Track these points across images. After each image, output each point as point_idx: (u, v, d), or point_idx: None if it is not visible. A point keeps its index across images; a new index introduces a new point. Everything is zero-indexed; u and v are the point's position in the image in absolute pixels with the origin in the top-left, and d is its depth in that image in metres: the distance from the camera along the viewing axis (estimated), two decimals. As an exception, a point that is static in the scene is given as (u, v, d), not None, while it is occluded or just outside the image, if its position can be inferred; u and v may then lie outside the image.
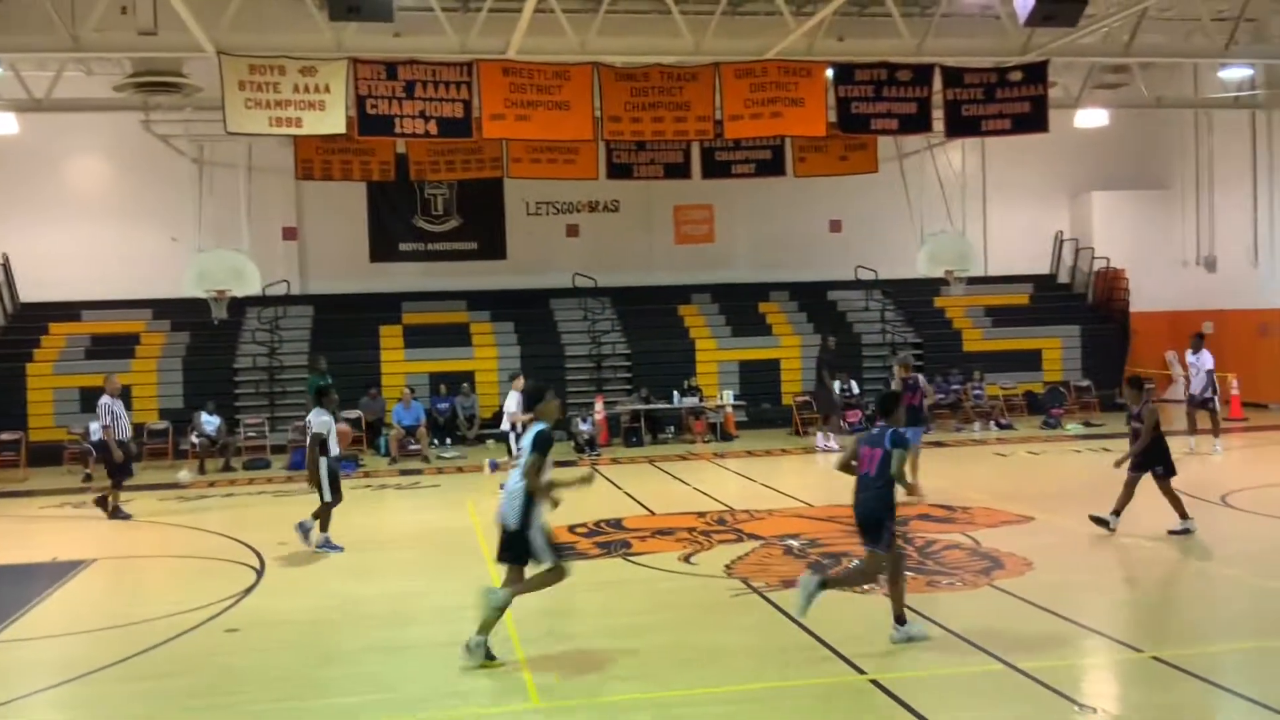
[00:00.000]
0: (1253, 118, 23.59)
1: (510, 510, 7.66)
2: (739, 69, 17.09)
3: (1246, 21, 19.59)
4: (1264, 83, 22.70)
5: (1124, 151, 26.39)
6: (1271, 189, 23.41)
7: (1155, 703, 6.83)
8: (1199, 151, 25.43)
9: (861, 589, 9.29)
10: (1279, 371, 22.63)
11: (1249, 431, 20.16)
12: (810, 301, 25.51)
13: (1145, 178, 26.81)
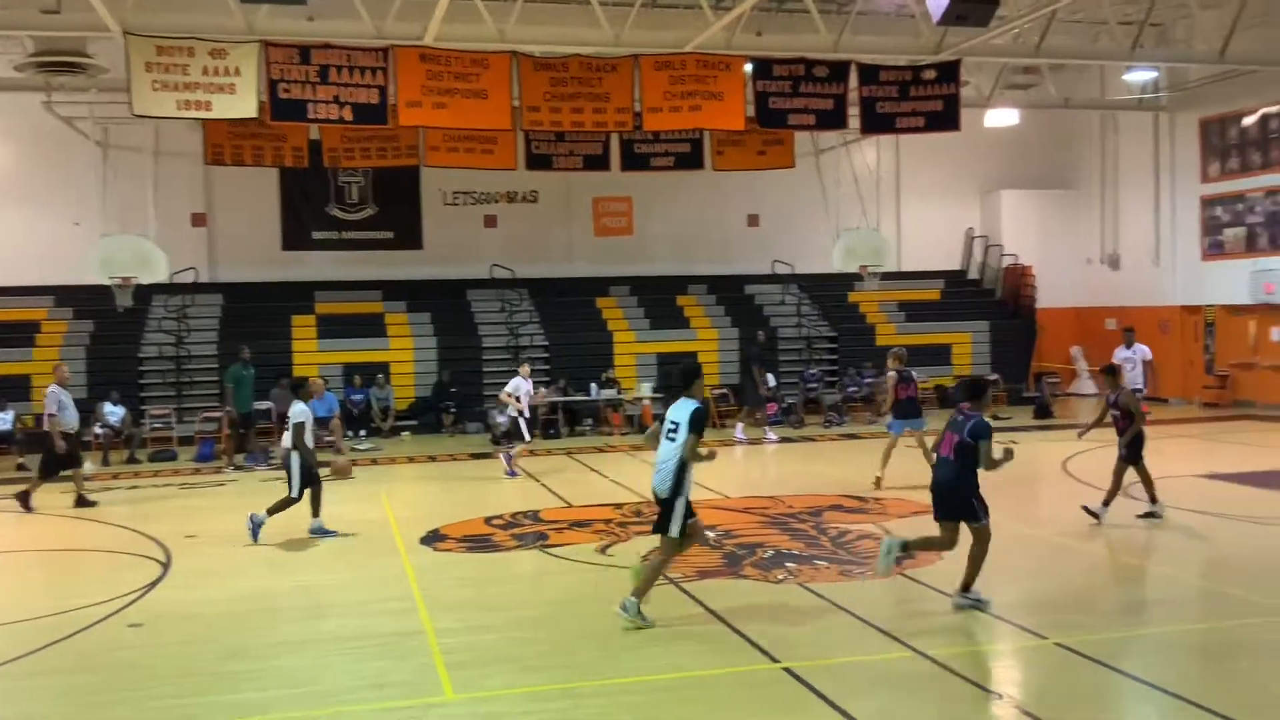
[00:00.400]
0: (1156, 120, 24.40)
1: (663, 482, 8.25)
2: (658, 61, 17.11)
3: (1151, 25, 20.28)
4: (1167, 85, 23.50)
5: (1033, 151, 27.08)
6: (1173, 190, 24.22)
7: (1058, 687, 6.97)
8: (1104, 152, 26.22)
9: (776, 579, 9.48)
10: (1178, 367, 23.40)
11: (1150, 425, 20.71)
12: (728, 295, 25.68)
13: (1053, 177, 27.54)
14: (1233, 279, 22.45)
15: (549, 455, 18.67)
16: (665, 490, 8.23)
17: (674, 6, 19.56)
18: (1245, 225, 22.39)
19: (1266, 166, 21.75)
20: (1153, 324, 24.61)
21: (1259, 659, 7.43)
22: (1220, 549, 10.80)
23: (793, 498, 13.52)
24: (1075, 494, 13.65)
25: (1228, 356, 22.82)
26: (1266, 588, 9.08)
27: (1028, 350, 25.65)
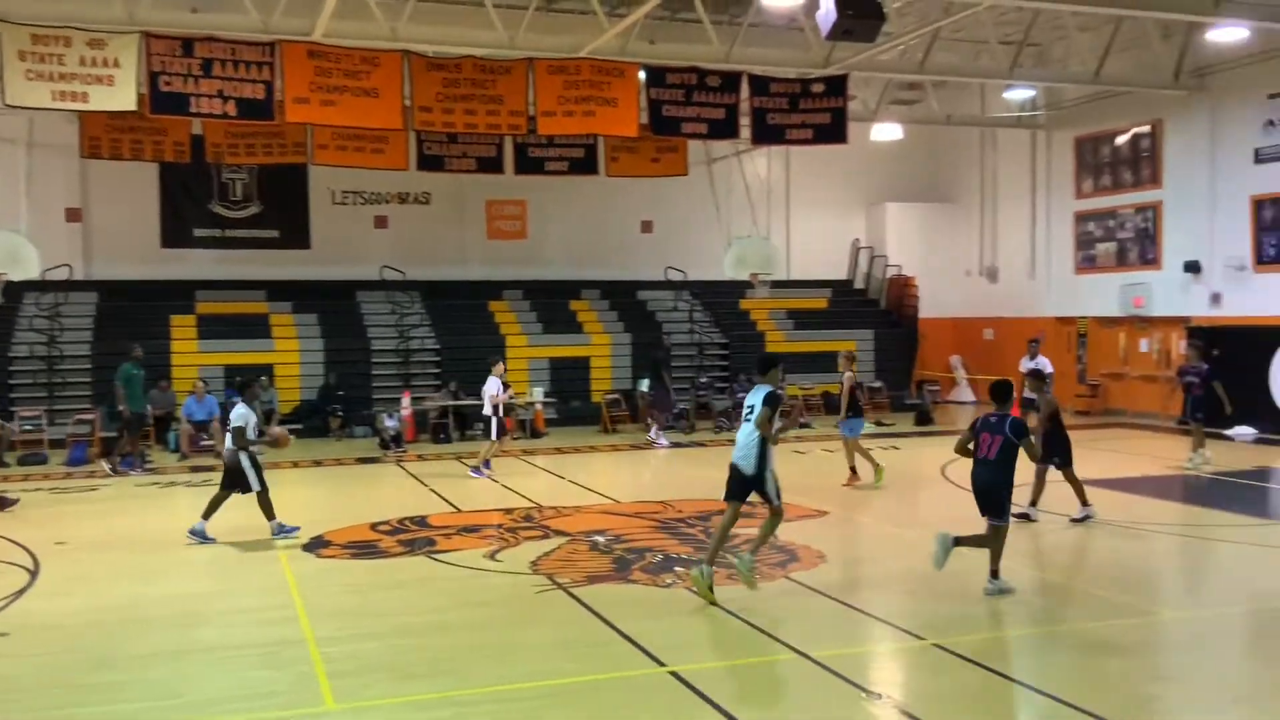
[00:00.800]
0: (1033, 137, 25.34)
1: (746, 459, 8.94)
2: (553, 65, 17.14)
3: (1030, 46, 21.07)
4: (1044, 104, 24.44)
5: (916, 165, 27.86)
6: (1049, 205, 25.18)
7: (935, 687, 7.16)
8: (984, 167, 27.10)
9: (664, 583, 9.55)
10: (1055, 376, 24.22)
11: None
12: (621, 301, 25.78)
13: (935, 191, 28.38)
14: (1104, 292, 23.43)
15: (439, 460, 18.50)
16: (750, 467, 8.97)
17: (569, 11, 19.58)
18: (1116, 240, 23.40)
19: (1137, 184, 22.78)
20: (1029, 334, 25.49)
21: (1128, 658, 7.69)
22: (1090, 552, 11.23)
23: (682, 502, 13.56)
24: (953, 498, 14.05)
25: (1099, 367, 23.81)
26: (1133, 589, 9.51)
27: (910, 358, 26.37)
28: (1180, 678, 7.44)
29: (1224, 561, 10.85)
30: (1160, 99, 21.41)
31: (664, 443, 19.79)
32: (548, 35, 17.80)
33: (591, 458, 18.95)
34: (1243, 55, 19.48)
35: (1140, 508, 13.25)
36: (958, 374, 27.17)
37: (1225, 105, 20.57)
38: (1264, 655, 7.90)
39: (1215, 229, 20.86)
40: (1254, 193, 20.04)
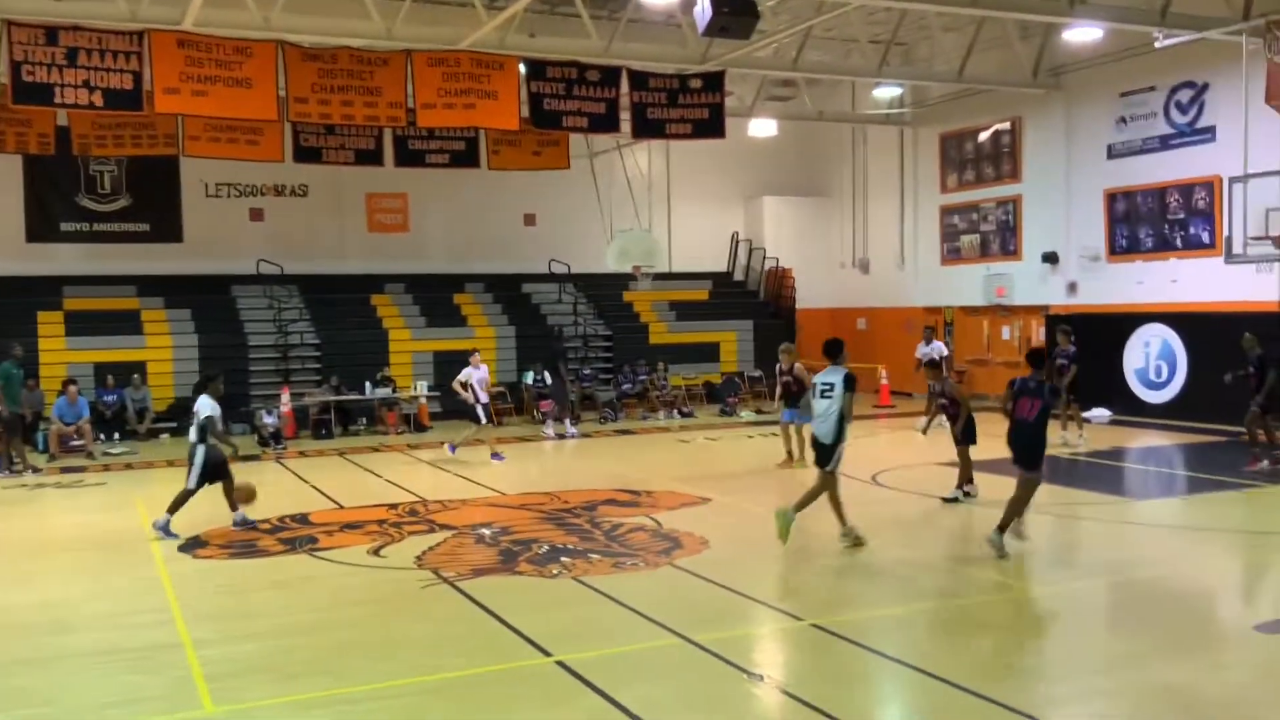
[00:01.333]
0: (901, 133, 26.24)
1: (827, 430, 10.23)
2: (432, 57, 17.05)
3: (897, 45, 21.81)
4: (911, 101, 25.31)
5: (792, 160, 28.54)
6: (916, 200, 26.12)
7: (813, 666, 7.42)
8: (855, 163, 27.93)
9: (551, 574, 9.59)
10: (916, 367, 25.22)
11: (895, 417, 22.38)
12: (505, 293, 25.80)
13: (809, 185, 29.12)
14: (968, 282, 24.45)
15: (320, 456, 18.31)
16: (829, 437, 10.22)
17: (447, 3, 19.55)
18: (979, 233, 24.44)
19: (998, 179, 23.82)
20: (899, 323, 26.47)
21: (996, 632, 8.05)
22: (959, 531, 11.72)
23: (568, 493, 13.68)
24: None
25: (965, 353, 24.82)
26: (998, 566, 9.87)
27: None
28: (1045, 649, 7.82)
29: (1084, 537, 11.49)
30: (1020, 97, 22.43)
31: (573, 431, 20.04)
32: (426, 27, 17.72)
33: (477, 451, 18.90)
34: (1096, 55, 20.51)
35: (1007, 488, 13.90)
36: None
37: (1080, 103, 21.67)
38: (1122, 626, 8.31)
39: (1071, 221, 21.98)
40: (1107, 186, 21.17)
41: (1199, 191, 19.41)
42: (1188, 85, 19.51)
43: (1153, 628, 8.01)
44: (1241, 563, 10.33)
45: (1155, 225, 20.31)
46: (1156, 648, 7.50)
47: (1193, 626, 8.15)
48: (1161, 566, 10.08)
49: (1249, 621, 8.14)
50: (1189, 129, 19.57)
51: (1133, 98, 20.50)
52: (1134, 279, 20.69)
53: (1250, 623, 8.08)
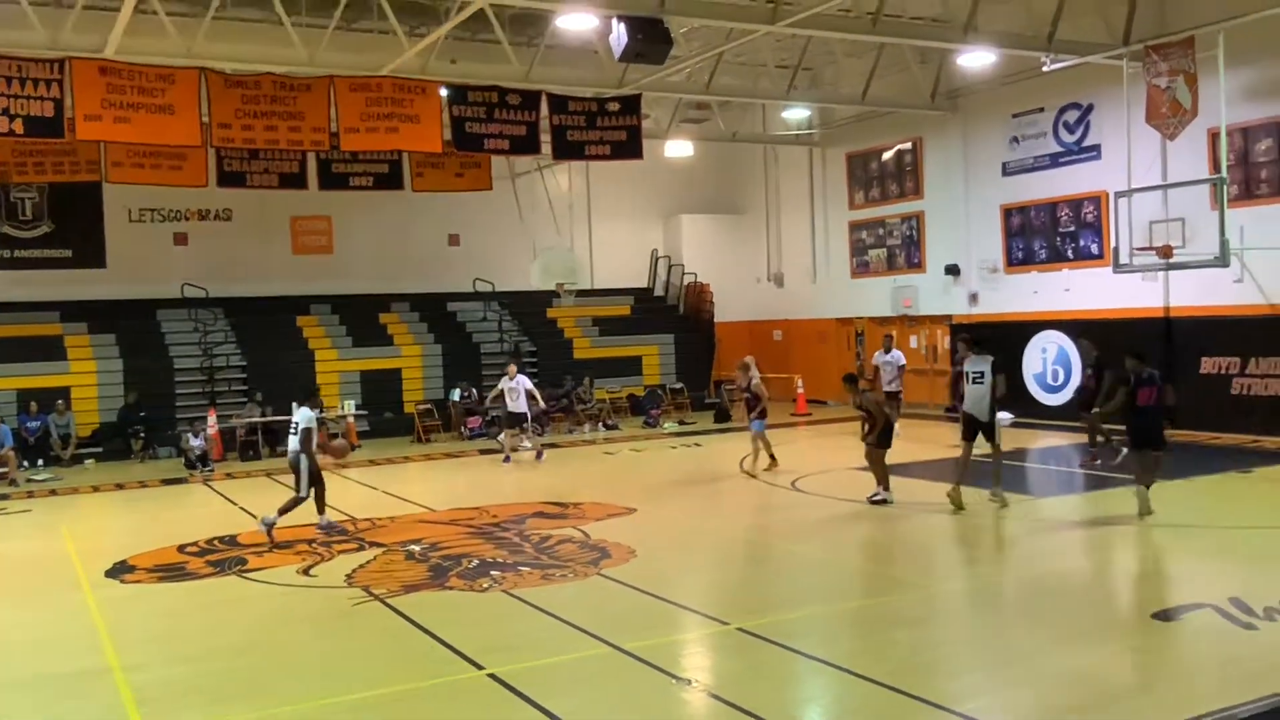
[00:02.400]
0: (810, 153, 27.20)
1: (983, 409, 12.54)
2: (354, 83, 17.37)
3: (804, 70, 22.70)
4: (819, 123, 26.27)
5: (707, 179, 29.36)
6: (826, 216, 27.08)
7: (740, 669, 7.53)
8: (768, 181, 28.83)
9: (481, 588, 9.72)
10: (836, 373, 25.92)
11: (813, 425, 23.14)
12: (431, 312, 26.08)
13: (725, 203, 29.97)
14: (877, 294, 25.45)
15: (248, 478, 18.32)
16: (985, 415, 12.53)
17: (369, 31, 19.88)
18: (886, 247, 25.46)
19: (902, 196, 24.88)
20: (813, 335, 27.39)
21: (912, 630, 8.25)
22: (875, 533, 12.14)
23: (497, 507, 13.74)
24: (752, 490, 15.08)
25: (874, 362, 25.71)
26: (913, 565, 10.49)
27: (708, 360, 27.75)
28: (959, 643, 8.08)
29: (992, 535, 11.99)
30: (920, 118, 23.49)
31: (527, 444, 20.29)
32: (349, 54, 18.00)
33: (405, 468, 19.12)
34: (990, 79, 21.57)
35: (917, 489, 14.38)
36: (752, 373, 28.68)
37: (976, 124, 22.79)
38: (1030, 618, 8.57)
39: (971, 235, 23.08)
40: (1003, 202, 22.30)
41: (1087, 206, 20.60)
42: (1074, 106, 20.70)
43: (1058, 618, 8.35)
44: (1137, 554, 10.84)
45: (1048, 238, 21.47)
46: (1062, 637, 7.81)
47: (1095, 616, 8.49)
48: (1064, 560, 10.60)
49: (1147, 610, 8.55)
50: (1076, 147, 20.76)
51: (1024, 118, 21.67)
52: (1030, 289, 21.80)
53: (1148, 611, 8.49)
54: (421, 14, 19.55)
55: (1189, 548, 10.90)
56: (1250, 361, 17.82)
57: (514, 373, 18.78)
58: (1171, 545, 10.96)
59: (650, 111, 22.39)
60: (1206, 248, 16.78)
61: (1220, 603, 8.35)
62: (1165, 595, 9.20)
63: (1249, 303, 17.74)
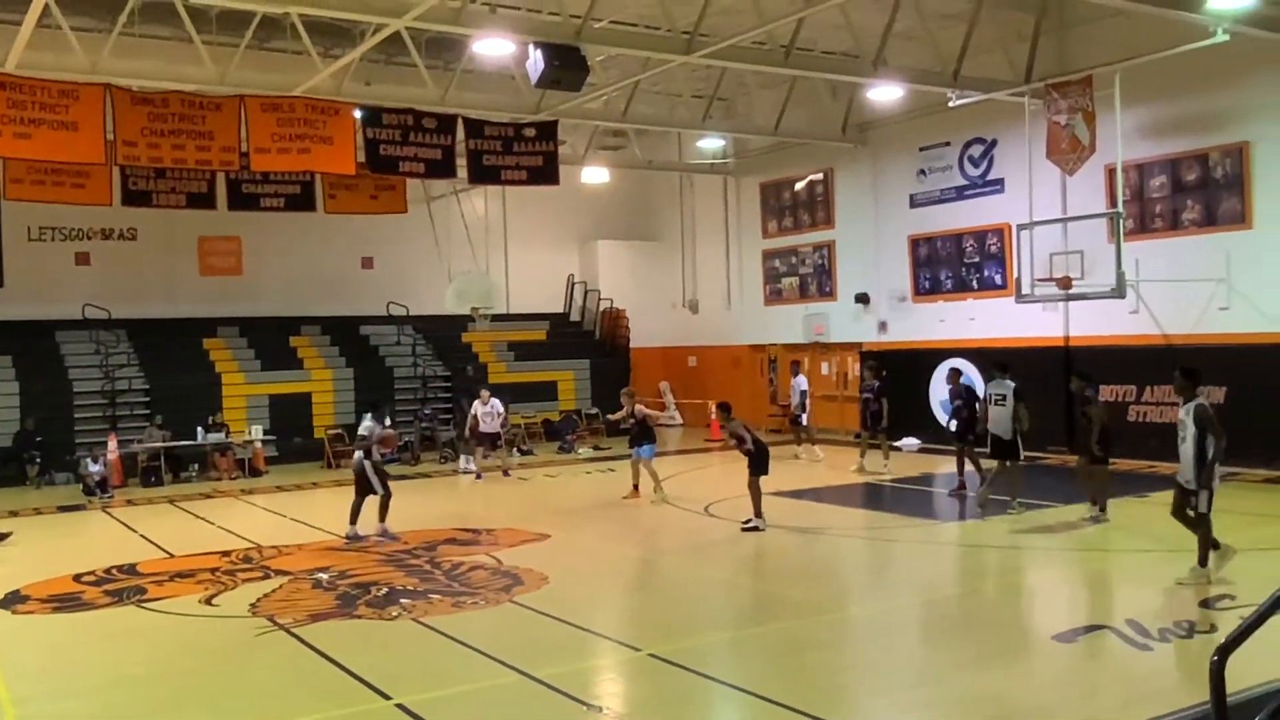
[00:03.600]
0: (725, 182, 27.58)
1: (1005, 429, 13.71)
2: (266, 103, 17.11)
3: (719, 100, 23.02)
4: (733, 152, 26.66)
5: (623, 206, 29.57)
6: (740, 244, 27.46)
7: (651, 695, 7.57)
8: (684, 209, 29.13)
9: (391, 616, 9.64)
10: (748, 398, 26.30)
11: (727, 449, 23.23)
12: (342, 336, 25.74)
13: (641, 229, 30.19)
14: (790, 321, 25.83)
15: (150, 504, 17.88)
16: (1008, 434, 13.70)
17: (282, 51, 19.66)
18: (798, 275, 25.88)
19: (814, 225, 25.34)
20: (727, 361, 27.67)
21: (820, 653, 8.40)
22: (784, 557, 12.34)
23: (408, 534, 13.59)
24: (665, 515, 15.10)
25: (788, 388, 26.00)
26: (822, 589, 10.65)
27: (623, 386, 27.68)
28: (868, 666, 8.17)
29: (897, 559, 12.22)
30: (831, 150, 24.00)
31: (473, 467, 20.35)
32: (260, 73, 17.79)
33: (314, 494, 18.83)
34: (898, 113, 22.14)
35: (825, 514, 14.75)
36: (666, 399, 28.97)
37: (884, 156, 23.36)
38: (939, 640, 8.84)
39: (880, 265, 23.58)
40: (910, 233, 22.86)
41: (991, 238, 21.23)
42: (979, 141, 21.36)
43: (962, 641, 8.60)
44: (1038, 577, 11.15)
45: (954, 268, 22.06)
46: (966, 660, 8.01)
47: (998, 639, 8.70)
48: (967, 583, 10.94)
49: (1048, 632, 8.72)
50: (981, 181, 21.40)
51: (931, 152, 22.28)
52: (937, 317, 22.35)
53: (1049, 633, 8.67)
54: (336, 35, 19.39)
55: (1089, 571, 11.24)
56: (1145, 389, 18.49)
57: (487, 397, 19.50)
58: (1072, 568, 11.28)
59: (567, 138, 22.51)
60: (1104, 279, 17.36)
61: (1118, 624, 8.63)
62: (1065, 618, 9.40)
63: (1144, 332, 18.43)
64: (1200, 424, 9.65)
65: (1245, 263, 17.07)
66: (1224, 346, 17.21)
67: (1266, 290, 16.81)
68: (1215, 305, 17.44)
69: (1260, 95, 16.71)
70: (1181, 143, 17.89)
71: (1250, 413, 16.85)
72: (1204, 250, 17.53)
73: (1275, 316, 16.70)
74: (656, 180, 29.00)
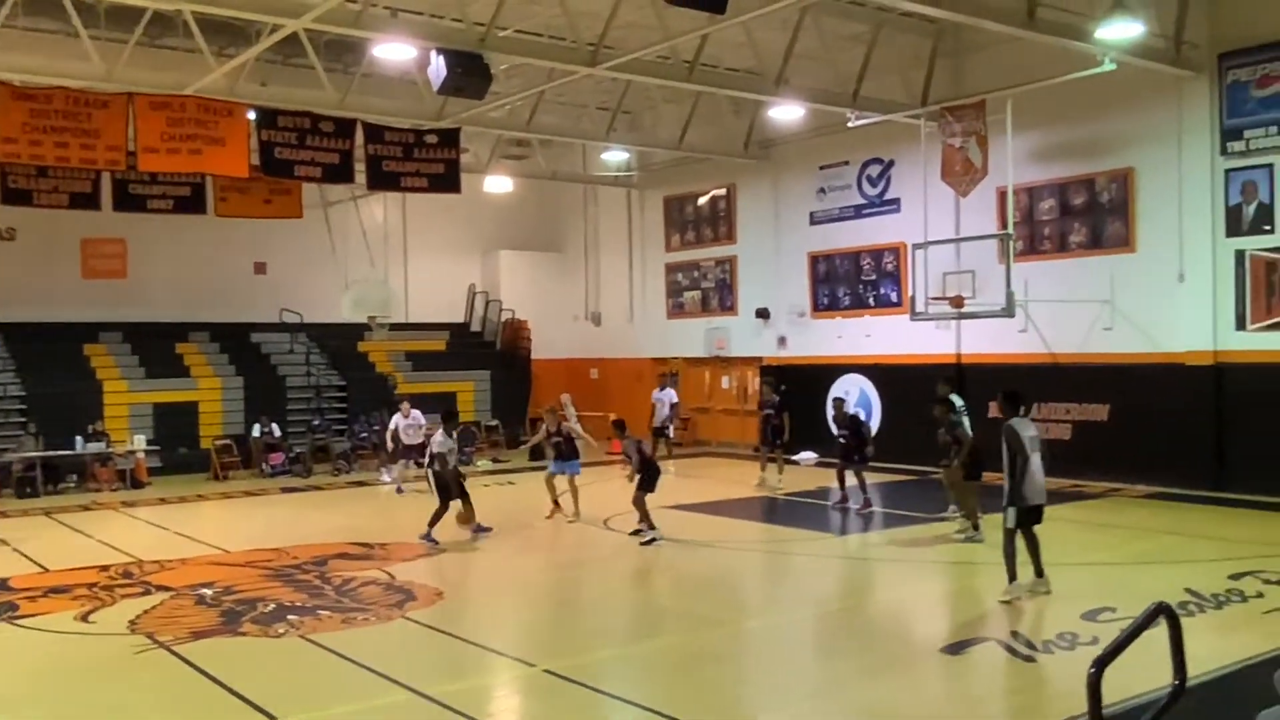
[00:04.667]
0: (629, 195, 27.66)
1: None
2: (155, 101, 16.60)
3: (624, 113, 23.07)
4: (638, 166, 26.74)
5: (527, 216, 29.41)
6: (644, 257, 27.54)
7: (545, 712, 7.50)
8: (588, 221, 29.14)
9: (277, 633, 9.36)
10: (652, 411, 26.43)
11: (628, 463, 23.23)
12: (232, 343, 25.01)
13: (544, 240, 30.07)
14: (691, 335, 26.00)
15: (24, 516, 17.11)
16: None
17: (174, 48, 19.05)
18: (700, 289, 26.07)
19: (716, 240, 25.56)
20: (629, 374, 27.67)
21: (716, 666, 8.43)
22: (681, 571, 12.32)
23: (297, 548, 13.33)
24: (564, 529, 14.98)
25: (689, 402, 26.20)
26: (722, 602, 10.65)
27: (524, 397, 27.62)
28: (764, 679, 8.19)
29: (793, 572, 12.36)
30: (734, 166, 24.23)
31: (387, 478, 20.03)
32: (150, 71, 17.23)
33: (200, 507, 18.27)
34: (800, 131, 22.47)
35: (722, 527, 14.79)
36: (568, 410, 28.73)
37: (786, 174, 23.67)
38: (833, 652, 8.92)
39: (780, 281, 23.87)
40: (810, 250, 23.19)
41: (887, 256, 21.65)
42: (877, 161, 21.79)
43: (855, 653, 8.69)
44: (928, 590, 11.32)
45: (852, 285, 22.44)
46: (858, 671, 8.13)
47: (888, 650, 8.86)
48: (861, 596, 11.08)
49: (936, 644, 8.86)
50: (878, 200, 21.83)
51: (830, 171, 22.66)
52: (835, 334, 22.71)
53: (937, 645, 8.82)
54: (231, 34, 18.84)
55: (976, 584, 11.46)
56: (1034, 407, 19.01)
57: (408, 409, 19.38)
58: (960, 581, 11.50)
59: (470, 146, 22.28)
60: (994, 299, 17.82)
61: (1003, 636, 8.81)
62: (954, 630, 9.58)
63: (1033, 351, 18.98)
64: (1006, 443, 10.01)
65: (1128, 285, 17.71)
66: (1107, 365, 17.84)
67: (1148, 312, 17.46)
68: (1100, 325, 18.06)
69: (1145, 123, 17.38)
70: (1070, 167, 18.50)
71: (1131, 431, 17.52)
72: (1090, 272, 18.14)
73: (1155, 337, 17.34)
74: (560, 191, 28.91)
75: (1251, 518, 14.62)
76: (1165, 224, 17.15)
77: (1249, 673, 7.57)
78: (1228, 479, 16.36)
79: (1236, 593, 10.17)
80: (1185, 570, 11.26)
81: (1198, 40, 16.27)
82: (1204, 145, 16.56)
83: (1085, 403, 18.28)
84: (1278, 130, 15.74)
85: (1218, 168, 16.45)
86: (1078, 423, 18.38)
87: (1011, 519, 9.98)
